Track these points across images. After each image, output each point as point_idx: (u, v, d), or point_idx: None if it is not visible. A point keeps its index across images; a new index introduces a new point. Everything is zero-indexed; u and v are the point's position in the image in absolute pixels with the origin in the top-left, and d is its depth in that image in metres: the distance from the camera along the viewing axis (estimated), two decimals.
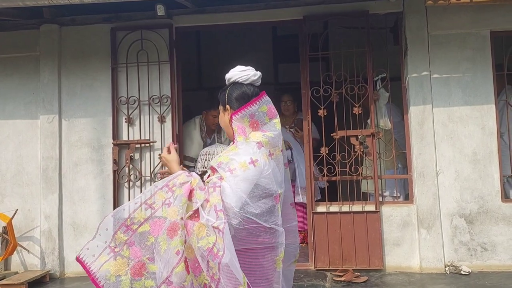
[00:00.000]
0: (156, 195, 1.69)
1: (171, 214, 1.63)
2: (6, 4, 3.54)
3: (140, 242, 1.65)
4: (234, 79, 1.89)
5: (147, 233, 1.65)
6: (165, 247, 1.61)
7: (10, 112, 4.42)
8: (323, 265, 3.94)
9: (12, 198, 4.35)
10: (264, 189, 1.68)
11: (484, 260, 3.85)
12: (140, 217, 1.68)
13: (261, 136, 1.77)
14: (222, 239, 1.55)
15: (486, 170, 3.89)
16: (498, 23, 3.94)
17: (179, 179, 1.70)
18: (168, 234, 1.60)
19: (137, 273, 1.63)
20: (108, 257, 1.66)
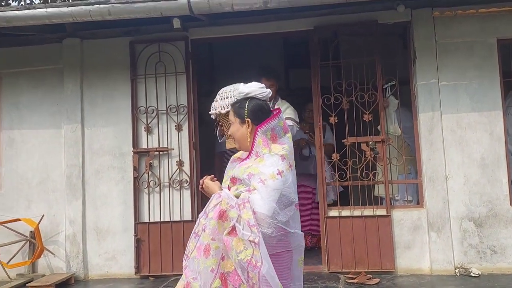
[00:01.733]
0: (199, 224, 1.92)
1: (206, 237, 1.87)
2: (33, 22, 3.76)
3: (191, 265, 1.90)
4: (252, 94, 2.07)
5: (194, 258, 1.90)
6: (202, 266, 1.84)
7: (35, 122, 4.65)
8: (336, 268, 4.07)
9: (38, 204, 4.58)
10: (288, 198, 1.88)
11: (494, 262, 3.94)
12: (192, 245, 1.94)
13: (281, 149, 1.97)
14: (259, 251, 1.74)
15: (494, 175, 3.98)
16: (505, 31, 4.03)
17: (211, 203, 1.91)
18: (204, 255, 1.85)
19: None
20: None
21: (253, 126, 2.03)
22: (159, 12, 3.61)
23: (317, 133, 4.33)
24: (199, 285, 1.85)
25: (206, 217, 1.91)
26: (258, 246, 1.76)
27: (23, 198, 4.60)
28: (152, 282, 4.21)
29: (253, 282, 1.76)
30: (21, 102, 4.69)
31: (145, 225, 4.35)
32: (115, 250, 4.43)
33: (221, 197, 1.90)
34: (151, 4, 3.55)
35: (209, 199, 2.18)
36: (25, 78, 4.71)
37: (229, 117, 2.17)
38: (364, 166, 4.17)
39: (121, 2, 3.58)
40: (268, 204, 1.83)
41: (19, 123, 4.68)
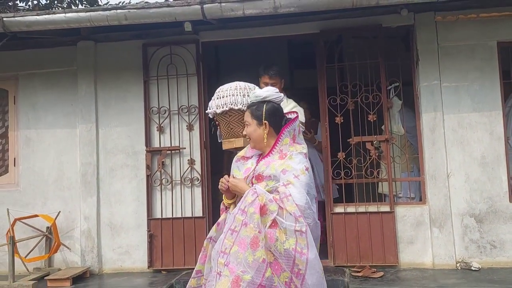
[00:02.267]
0: (236, 220, 2.03)
1: (250, 231, 1.97)
2: (52, 26, 3.92)
3: (234, 261, 1.96)
4: (269, 98, 2.26)
5: (237, 252, 1.97)
6: (252, 258, 1.93)
7: (51, 122, 4.82)
8: (342, 262, 4.24)
9: (54, 201, 4.75)
10: (312, 191, 2.10)
11: (493, 257, 4.09)
12: (229, 242, 2.02)
13: (301, 148, 2.21)
14: (306, 239, 1.92)
15: (494, 173, 4.14)
16: (505, 34, 4.17)
17: (247, 199, 2.03)
18: (251, 247, 1.94)
19: (235, 285, 1.92)
20: (215, 280, 2.02)
21: (270, 128, 2.20)
22: (173, 17, 3.77)
23: (323, 133, 4.49)
24: (250, 276, 1.91)
25: (243, 213, 2.01)
26: (306, 235, 1.95)
27: (39, 195, 4.78)
28: (165, 275, 4.37)
29: (299, 268, 1.92)
30: (37, 102, 4.86)
31: (158, 221, 4.52)
32: (128, 245, 4.60)
33: (257, 193, 2.04)
34: (166, 9, 3.71)
35: (222, 196, 2.36)
36: (41, 79, 4.87)
37: (245, 118, 2.34)
38: (369, 165, 4.33)
39: (137, 7, 3.75)
40: (304, 197, 2.03)
41: (35, 123, 4.85)
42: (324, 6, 3.67)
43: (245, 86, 2.91)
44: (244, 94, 2.84)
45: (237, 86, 2.89)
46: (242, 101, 2.82)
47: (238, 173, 2.32)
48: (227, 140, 2.98)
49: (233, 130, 2.92)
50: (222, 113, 2.88)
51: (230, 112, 2.87)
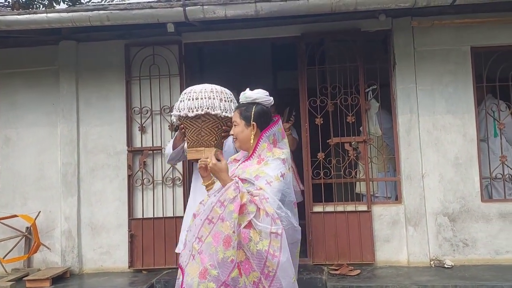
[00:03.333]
0: (213, 211, 2.05)
1: (226, 228, 1.98)
2: (34, 26, 3.90)
3: (206, 251, 2.00)
4: (259, 100, 2.30)
5: (210, 244, 2.00)
6: (222, 256, 1.96)
7: (32, 121, 4.79)
8: (320, 260, 4.33)
9: (35, 200, 4.72)
10: (289, 197, 2.13)
11: (466, 254, 4.24)
12: (206, 231, 2.04)
13: (281, 153, 2.22)
14: (280, 241, 1.95)
15: (467, 173, 4.29)
16: (478, 39, 4.33)
17: (228, 194, 2.02)
18: (224, 245, 1.96)
19: (202, 276, 1.97)
20: (189, 259, 2.08)
21: (257, 129, 2.25)
22: (155, 19, 3.80)
23: (303, 134, 4.58)
24: (217, 272, 1.94)
25: (221, 206, 2.02)
26: (281, 237, 1.98)
27: (19, 195, 4.74)
28: (145, 275, 4.40)
29: (269, 269, 1.95)
30: (17, 101, 4.83)
31: (139, 221, 4.54)
32: (109, 245, 4.60)
33: (239, 190, 2.04)
34: (148, 11, 3.74)
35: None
36: (21, 78, 4.84)
37: (234, 118, 2.34)
38: (347, 165, 4.44)
39: (119, 8, 3.77)
40: (276, 203, 2.05)
41: (15, 122, 4.81)
42: (304, 10, 3.76)
43: (221, 90, 2.67)
44: (221, 99, 2.59)
45: (213, 89, 2.63)
46: (219, 106, 2.58)
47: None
48: (195, 149, 2.62)
49: (203, 138, 2.60)
50: (195, 117, 2.57)
51: (204, 117, 2.57)
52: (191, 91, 2.64)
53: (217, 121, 2.58)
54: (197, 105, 2.55)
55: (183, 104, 2.61)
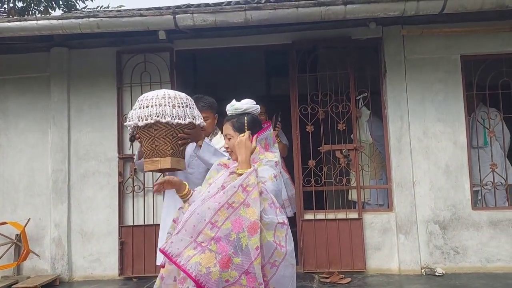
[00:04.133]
0: (235, 195, 1.93)
1: (251, 214, 1.89)
2: (24, 33, 3.92)
3: (225, 238, 1.87)
4: (249, 110, 2.31)
5: (229, 230, 1.88)
6: (246, 242, 1.86)
7: (22, 128, 4.78)
8: (311, 268, 4.32)
9: (25, 208, 4.70)
10: (279, 200, 2.11)
11: (456, 262, 4.24)
12: (223, 216, 1.90)
13: (273, 156, 2.25)
14: (285, 231, 1.96)
15: (458, 181, 4.30)
16: (467, 48, 4.36)
17: (251, 179, 1.95)
18: (248, 231, 1.87)
19: (224, 265, 1.84)
20: (195, 251, 1.87)
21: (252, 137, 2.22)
22: (146, 26, 3.81)
23: (294, 141, 4.58)
24: (240, 260, 1.85)
25: (244, 191, 1.92)
26: (286, 226, 1.99)
27: (9, 202, 4.72)
28: (136, 283, 4.38)
29: (275, 259, 1.92)
30: (8, 108, 4.82)
31: (129, 228, 4.52)
32: (99, 253, 4.58)
33: (258, 177, 2.00)
34: (138, 18, 3.76)
35: None
36: (12, 85, 4.84)
37: (226, 131, 2.29)
38: (338, 172, 4.44)
39: (109, 16, 3.78)
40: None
41: (5, 128, 4.80)
42: (293, 19, 3.78)
43: (175, 95, 2.45)
44: (174, 105, 2.41)
45: (165, 95, 2.43)
46: (171, 112, 2.39)
47: (216, 175, 2.29)
48: (151, 159, 2.46)
49: (158, 148, 2.43)
50: (145, 126, 2.40)
51: (156, 126, 2.39)
52: (143, 98, 2.46)
53: (170, 128, 2.40)
54: (147, 114, 2.39)
55: (135, 113, 2.44)
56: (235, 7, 3.78)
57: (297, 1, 3.76)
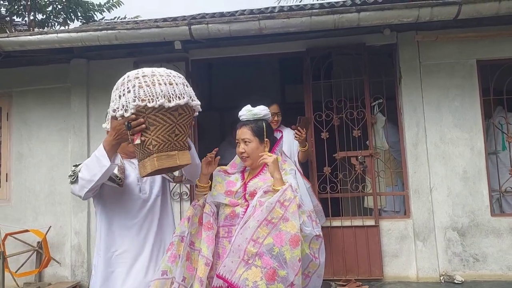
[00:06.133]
0: (274, 212, 1.97)
1: (291, 228, 1.93)
2: (45, 46, 4.04)
3: (268, 253, 1.91)
4: (266, 117, 2.33)
5: (272, 245, 1.91)
6: (289, 256, 1.90)
7: (43, 138, 4.91)
8: (328, 276, 4.30)
9: (46, 216, 4.81)
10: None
11: (476, 270, 4.17)
12: (263, 232, 1.93)
13: (291, 165, 2.34)
14: (319, 243, 2.03)
15: (476, 187, 4.24)
16: (483, 53, 4.32)
17: (288, 194, 2.00)
18: (290, 244, 1.91)
19: (270, 278, 1.87)
20: (244, 268, 1.92)
21: (268, 146, 2.26)
22: (162, 37, 3.89)
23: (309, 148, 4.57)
24: (286, 272, 1.88)
25: (282, 207, 1.96)
26: (321, 239, 2.05)
27: (30, 210, 4.84)
28: None
29: (309, 270, 2.01)
30: (30, 118, 4.96)
31: None
32: None
33: (294, 191, 2.04)
34: (155, 30, 3.84)
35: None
36: (34, 96, 4.98)
37: (244, 135, 2.22)
38: (354, 179, 4.43)
39: (127, 28, 3.87)
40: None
41: (28, 138, 4.94)
42: (307, 27, 3.80)
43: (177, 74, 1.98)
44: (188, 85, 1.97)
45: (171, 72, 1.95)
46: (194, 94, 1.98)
47: (221, 181, 2.29)
48: (165, 154, 1.90)
49: (177, 138, 1.91)
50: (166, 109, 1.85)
51: (182, 110, 1.89)
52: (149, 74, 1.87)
53: (191, 116, 1.96)
54: (178, 92, 1.85)
55: (150, 90, 1.82)
56: (249, 17, 3.83)
57: (311, 10, 3.79)
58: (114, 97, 1.92)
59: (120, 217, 2.25)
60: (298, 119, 3.76)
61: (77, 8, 10.70)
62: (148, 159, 1.90)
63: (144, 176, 2.04)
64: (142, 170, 1.93)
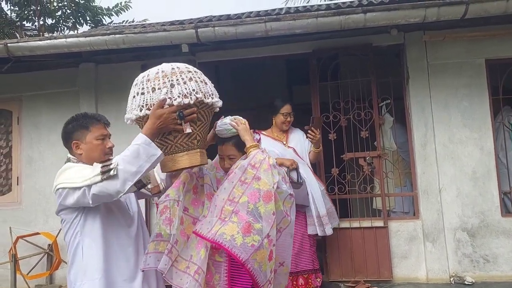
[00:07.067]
0: (246, 173, 2.11)
1: (263, 185, 2.07)
2: (54, 51, 4.09)
3: (243, 209, 2.04)
4: None
5: (246, 202, 2.04)
6: (263, 210, 2.03)
7: (53, 141, 4.96)
8: (336, 277, 4.29)
9: (56, 218, 4.75)
10: None
11: (487, 271, 4.13)
12: (238, 192, 2.08)
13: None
14: (291, 202, 2.15)
15: (485, 187, 4.20)
16: (492, 52, 4.28)
17: (258, 157, 2.15)
18: (264, 200, 2.05)
19: (246, 231, 1.99)
20: (220, 226, 2.03)
21: None
22: (169, 41, 3.92)
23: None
24: (261, 225, 2.00)
25: (253, 168, 2.10)
26: (293, 198, 2.18)
27: (41, 213, 4.90)
28: None
29: (281, 226, 2.13)
30: (40, 122, 5.02)
31: None
32: None
33: (265, 153, 2.19)
34: (162, 33, 3.87)
35: None
36: (44, 100, 5.04)
37: (229, 152, 2.28)
38: (362, 180, 4.42)
39: (134, 32, 3.90)
40: None
41: (38, 142, 5.00)
42: (313, 28, 3.80)
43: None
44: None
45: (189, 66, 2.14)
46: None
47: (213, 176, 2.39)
48: (200, 151, 2.04)
49: (205, 136, 2.09)
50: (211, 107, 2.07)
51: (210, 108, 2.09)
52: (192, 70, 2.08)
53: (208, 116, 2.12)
54: (210, 91, 2.05)
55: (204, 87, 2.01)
56: (255, 19, 3.84)
57: (317, 11, 3.79)
58: (159, 85, 1.96)
59: (118, 235, 2.10)
60: (311, 119, 3.73)
61: (86, 12, 10.83)
62: (187, 153, 1.97)
63: (168, 172, 2.07)
64: (170, 164, 1.97)
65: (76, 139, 2.15)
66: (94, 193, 1.90)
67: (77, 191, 1.93)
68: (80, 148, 2.15)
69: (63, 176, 2.04)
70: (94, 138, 2.16)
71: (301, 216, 3.72)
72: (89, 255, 2.02)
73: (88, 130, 2.17)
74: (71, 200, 1.96)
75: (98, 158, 2.12)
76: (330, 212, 3.80)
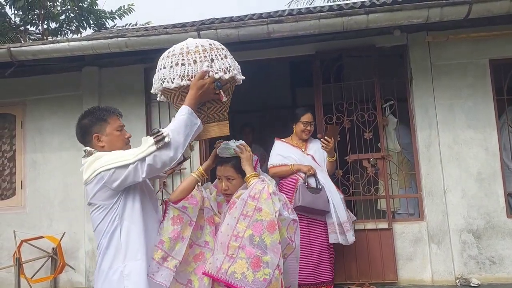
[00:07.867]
0: (247, 206, 2.07)
1: (266, 215, 2.03)
2: (57, 55, 4.09)
3: (249, 244, 2.00)
4: None
5: (251, 235, 2.01)
6: (269, 241, 2.01)
7: (57, 145, 4.97)
8: (341, 280, 4.26)
9: (60, 222, 4.87)
10: None
11: (493, 272, 4.10)
12: (242, 226, 2.04)
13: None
14: (295, 227, 2.15)
15: (491, 188, 4.17)
16: (496, 52, 4.25)
17: (257, 188, 2.11)
18: (268, 230, 2.02)
19: (256, 266, 1.96)
20: (229, 263, 2.00)
21: None
22: (171, 44, 3.86)
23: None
24: (269, 257, 1.98)
25: (254, 199, 2.07)
26: (297, 224, 2.17)
27: (45, 217, 4.91)
28: None
29: (285, 252, 2.13)
30: (44, 126, 5.04)
31: None
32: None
33: (265, 182, 2.15)
34: (164, 36, 3.87)
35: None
36: (47, 104, 5.06)
37: (228, 173, 2.23)
38: (366, 182, 4.39)
39: (137, 35, 3.90)
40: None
41: (41, 146, 5.02)
42: (316, 30, 3.79)
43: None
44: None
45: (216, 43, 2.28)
46: None
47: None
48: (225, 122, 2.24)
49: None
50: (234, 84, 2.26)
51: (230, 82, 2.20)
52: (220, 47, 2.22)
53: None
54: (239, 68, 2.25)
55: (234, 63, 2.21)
56: (257, 21, 3.83)
57: (319, 12, 3.78)
58: (200, 59, 2.07)
59: (151, 218, 2.14)
60: (324, 127, 3.76)
61: (89, 16, 10.85)
62: (218, 124, 2.15)
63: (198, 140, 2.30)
64: (202, 133, 2.10)
65: (96, 132, 2.16)
66: (150, 163, 1.93)
67: (127, 168, 1.96)
68: (101, 141, 2.16)
69: (101, 161, 2.03)
70: (114, 130, 2.20)
71: (320, 225, 3.76)
72: (130, 237, 2.04)
73: (106, 122, 2.20)
74: (118, 180, 1.97)
75: (120, 148, 2.17)
76: (349, 220, 3.83)
